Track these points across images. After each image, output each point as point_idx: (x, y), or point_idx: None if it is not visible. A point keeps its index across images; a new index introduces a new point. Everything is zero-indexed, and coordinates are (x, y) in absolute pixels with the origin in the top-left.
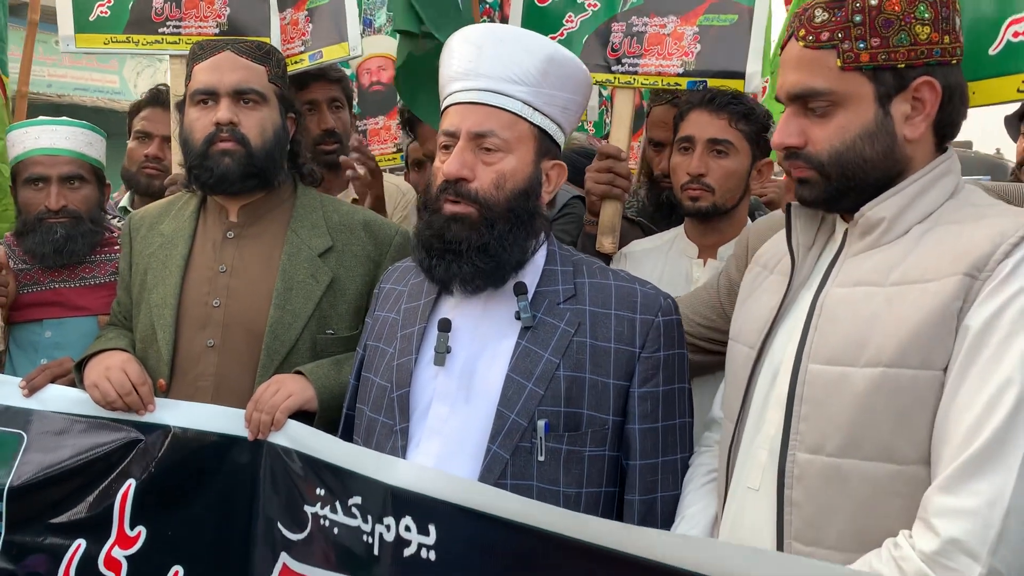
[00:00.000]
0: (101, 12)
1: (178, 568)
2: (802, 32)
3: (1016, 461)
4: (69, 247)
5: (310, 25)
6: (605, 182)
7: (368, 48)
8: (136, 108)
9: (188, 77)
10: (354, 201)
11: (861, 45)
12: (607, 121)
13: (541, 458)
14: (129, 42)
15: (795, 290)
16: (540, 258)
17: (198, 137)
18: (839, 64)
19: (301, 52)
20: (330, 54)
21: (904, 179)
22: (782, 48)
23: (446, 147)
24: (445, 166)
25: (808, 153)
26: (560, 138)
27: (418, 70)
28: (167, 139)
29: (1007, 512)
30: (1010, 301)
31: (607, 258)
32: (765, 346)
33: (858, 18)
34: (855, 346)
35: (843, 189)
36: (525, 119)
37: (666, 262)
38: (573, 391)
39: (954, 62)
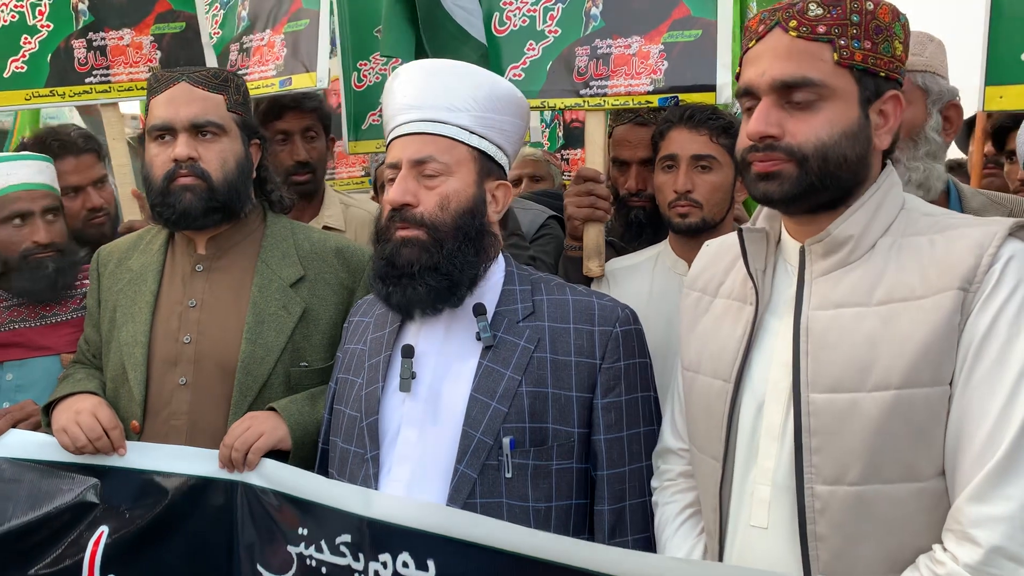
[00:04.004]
0: (16, 68)
1: None
2: (793, 23)
3: None
4: (61, 281)
5: (284, 49)
6: (587, 205)
7: (335, 70)
8: None
9: (145, 110)
10: None
11: (856, 44)
12: (559, 135)
13: (509, 475)
14: (54, 95)
15: (759, 316)
16: (498, 279)
17: (158, 174)
18: (835, 58)
19: (273, 76)
20: (299, 82)
21: (858, 194)
22: (757, 40)
23: (392, 179)
24: (390, 195)
25: (788, 144)
26: (503, 160)
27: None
28: (98, 182)
29: None
30: (1003, 307)
31: (589, 280)
32: (742, 378)
33: (855, 18)
34: (858, 371)
35: (818, 186)
36: (463, 143)
37: (654, 279)
38: (537, 406)
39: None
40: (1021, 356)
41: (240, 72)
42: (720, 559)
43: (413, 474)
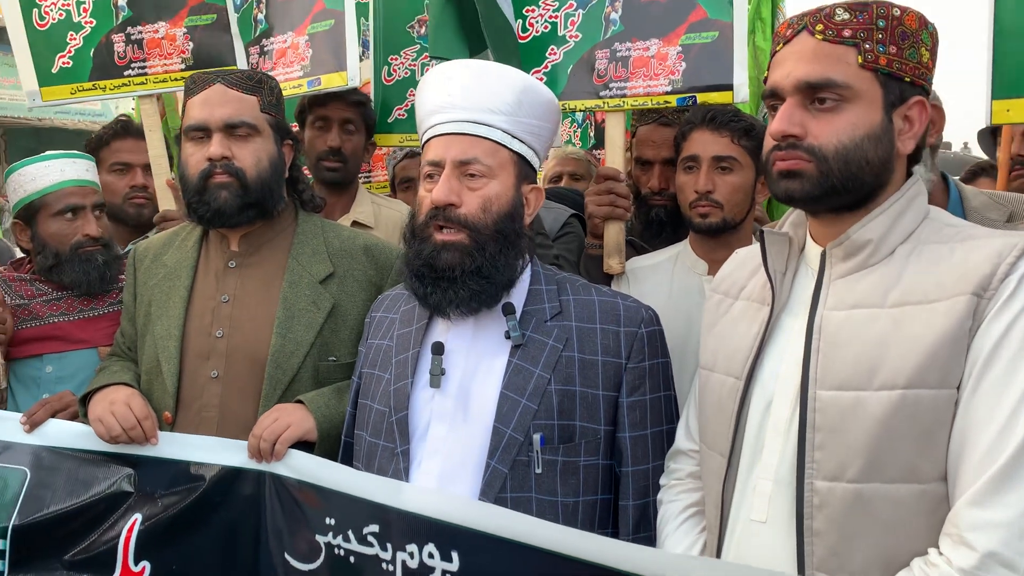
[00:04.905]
0: (63, 63)
1: None
2: (820, 27)
3: None
4: (110, 274)
5: (310, 50)
6: (607, 203)
7: (366, 72)
8: (104, 141)
9: (183, 111)
10: None
11: (881, 48)
12: (591, 135)
13: (538, 470)
14: (96, 89)
15: (775, 316)
16: (525, 279)
17: (193, 173)
18: (859, 61)
19: (300, 77)
20: (328, 82)
21: (881, 197)
22: (785, 43)
23: (430, 176)
24: (433, 193)
25: (810, 144)
26: (536, 163)
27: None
28: (148, 167)
29: None
30: (1017, 318)
31: (609, 278)
32: (752, 375)
33: (881, 23)
34: (866, 370)
35: (838, 187)
36: (505, 146)
37: (673, 278)
38: (565, 404)
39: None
40: None
41: None
42: (719, 554)
43: (443, 468)
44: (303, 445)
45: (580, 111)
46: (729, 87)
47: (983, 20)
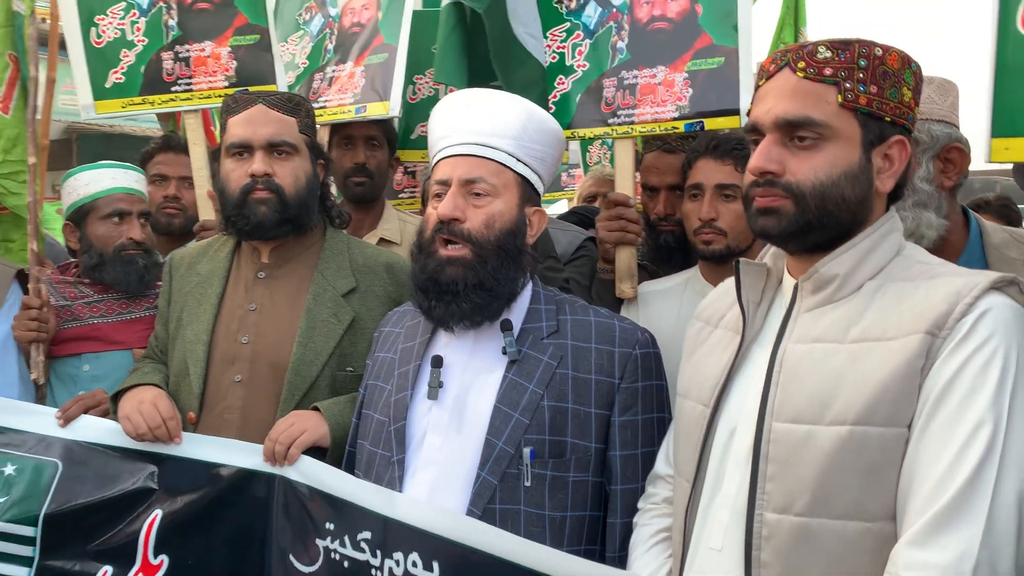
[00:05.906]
0: (116, 79)
1: None
2: (801, 64)
3: (983, 515)
4: (148, 278)
5: (363, 80)
6: (617, 228)
7: None
8: (149, 155)
9: (222, 128)
10: None
11: (861, 88)
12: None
13: (527, 484)
14: (145, 103)
15: (746, 346)
16: (525, 297)
17: (234, 188)
18: (839, 100)
19: (351, 104)
20: (373, 110)
21: (856, 233)
22: (768, 78)
23: (438, 195)
24: (440, 208)
25: (787, 182)
26: (540, 187)
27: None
28: (183, 179)
29: (976, 565)
30: (970, 359)
31: (620, 303)
32: (720, 404)
33: (863, 63)
34: (819, 404)
35: (814, 224)
36: (509, 168)
37: (682, 303)
38: (557, 420)
39: (913, 133)
40: (980, 410)
41: (320, 99)
42: None
43: (436, 478)
44: (316, 451)
45: (589, 139)
46: (736, 112)
47: (982, 59)
